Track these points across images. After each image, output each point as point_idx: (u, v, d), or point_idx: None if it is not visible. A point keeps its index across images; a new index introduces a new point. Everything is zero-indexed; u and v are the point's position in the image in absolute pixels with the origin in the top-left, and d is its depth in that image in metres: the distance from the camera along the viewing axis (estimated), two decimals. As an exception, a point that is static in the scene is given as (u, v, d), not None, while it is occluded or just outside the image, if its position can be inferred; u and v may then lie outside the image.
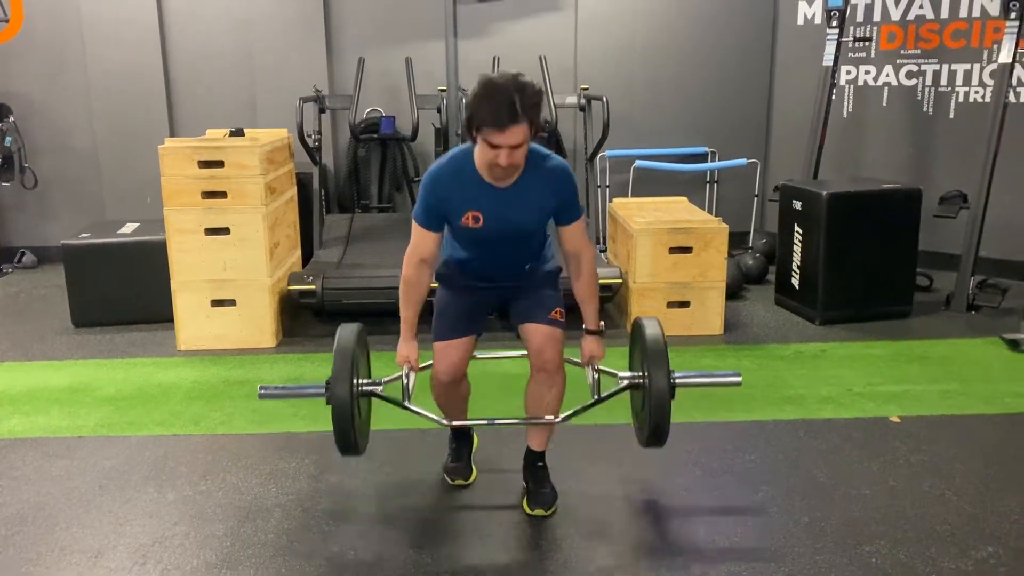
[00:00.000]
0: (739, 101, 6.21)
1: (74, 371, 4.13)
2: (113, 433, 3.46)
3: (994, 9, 5.25)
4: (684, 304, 4.52)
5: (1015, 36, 4.79)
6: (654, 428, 2.59)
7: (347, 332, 2.68)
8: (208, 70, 6.08)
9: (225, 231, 4.32)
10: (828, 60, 5.53)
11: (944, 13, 5.45)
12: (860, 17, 5.75)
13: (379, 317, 4.74)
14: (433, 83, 5.93)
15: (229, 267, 4.34)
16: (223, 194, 4.28)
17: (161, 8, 5.95)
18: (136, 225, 5.00)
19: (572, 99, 5.71)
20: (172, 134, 6.01)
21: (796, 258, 4.83)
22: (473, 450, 3.10)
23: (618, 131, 5.64)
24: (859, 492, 2.92)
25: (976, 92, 5.40)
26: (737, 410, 3.61)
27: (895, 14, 5.64)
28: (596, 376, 2.74)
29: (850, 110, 5.90)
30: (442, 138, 5.95)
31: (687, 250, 4.46)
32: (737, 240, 5.11)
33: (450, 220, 2.61)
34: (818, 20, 5.91)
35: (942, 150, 5.57)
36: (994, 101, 4.88)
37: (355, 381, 2.59)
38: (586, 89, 5.69)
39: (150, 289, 4.66)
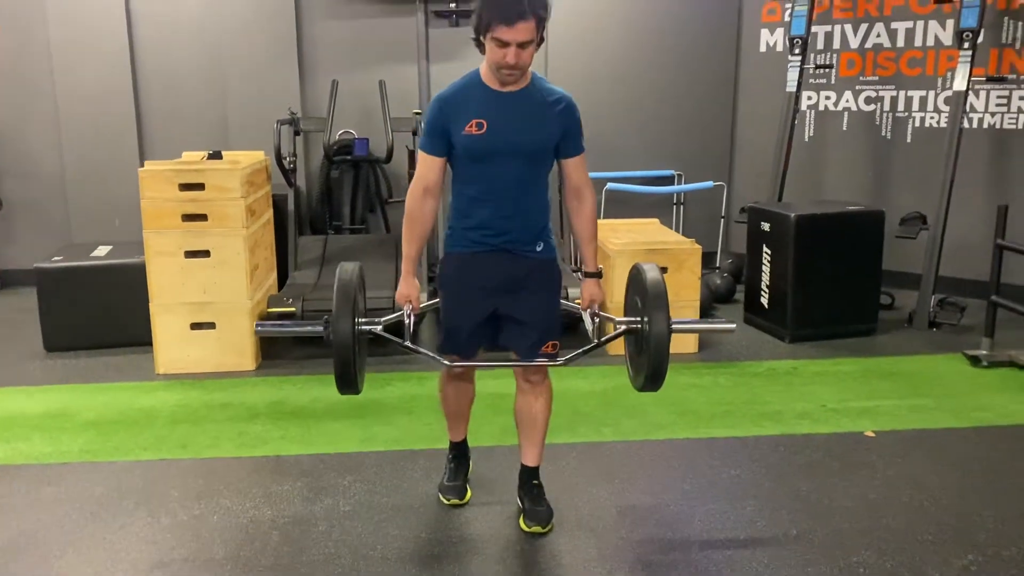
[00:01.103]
0: (704, 125, 6.38)
1: (51, 396, 4.08)
2: (99, 459, 3.42)
3: (947, 39, 5.49)
4: (660, 323, 4.61)
5: (969, 65, 5.02)
6: (653, 371, 2.62)
7: (348, 269, 2.63)
8: (179, 93, 6.05)
9: (205, 254, 4.31)
10: (791, 86, 5.72)
11: (900, 42, 5.68)
12: (820, 45, 5.95)
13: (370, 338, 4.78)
14: (406, 105, 5.98)
15: (209, 290, 4.33)
16: (203, 217, 4.28)
17: (131, 32, 5.92)
18: (109, 248, 4.96)
19: (544, 122, 5.79)
20: (142, 157, 5.96)
21: (765, 278, 4.97)
22: (469, 471, 3.15)
23: (588, 154, 5.73)
24: (842, 505, 3.03)
25: (931, 118, 5.63)
26: (718, 426, 3.71)
27: (854, 42, 5.86)
28: (596, 321, 2.77)
29: (811, 134, 6.10)
30: (416, 160, 6.01)
31: (662, 270, 4.54)
32: (704, 260, 5.22)
33: (454, 135, 2.56)
34: (780, 47, 6.10)
35: (900, 173, 5.79)
36: (950, 126, 5.10)
37: (356, 319, 2.56)
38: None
39: (126, 312, 4.62)
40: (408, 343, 2.73)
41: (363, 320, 2.64)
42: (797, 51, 5.66)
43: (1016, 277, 5.07)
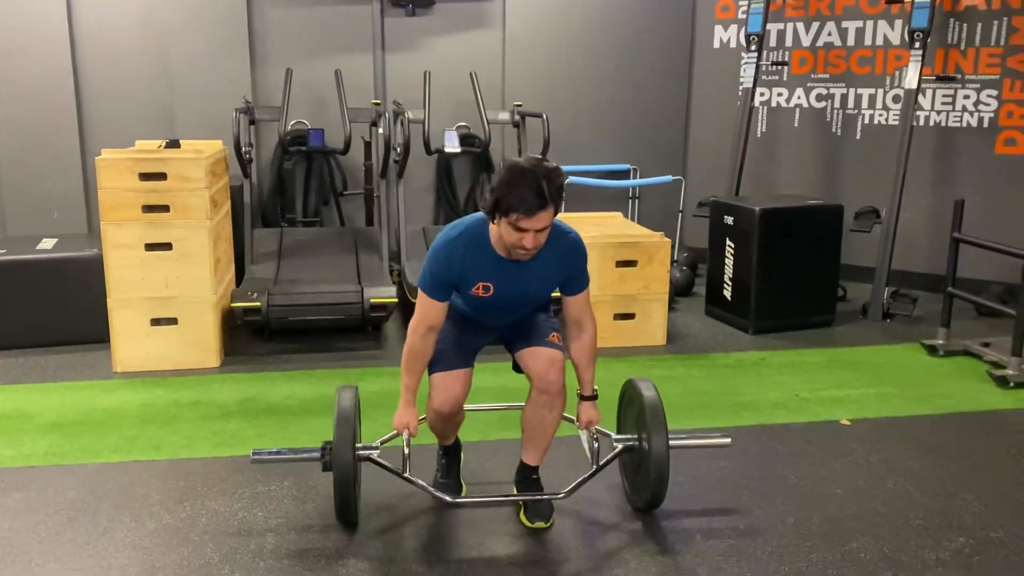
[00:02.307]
0: (659, 120, 6.44)
1: (4, 397, 3.86)
2: (67, 462, 3.25)
3: (895, 39, 5.66)
4: (629, 316, 4.65)
5: (920, 64, 5.19)
6: (653, 495, 2.79)
7: (347, 396, 2.76)
8: (123, 81, 5.79)
9: (167, 246, 4.14)
10: (748, 82, 5.81)
11: (851, 41, 5.84)
12: (773, 42, 6.07)
13: (324, 334, 4.68)
14: (361, 96, 5.88)
15: (171, 284, 4.16)
16: (165, 208, 4.11)
17: (71, 18, 5.63)
18: (55, 240, 4.73)
19: (504, 115, 5.77)
20: (83, 149, 5.71)
21: (728, 271, 5.04)
22: (461, 465, 3.10)
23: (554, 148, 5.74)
24: (832, 492, 3.09)
25: (880, 115, 5.80)
26: (698, 418, 3.74)
27: (806, 40, 5.99)
28: (596, 443, 2.85)
29: (764, 130, 6.22)
30: (371, 151, 5.91)
31: (632, 263, 4.59)
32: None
33: (459, 289, 2.64)
34: (733, 44, 6.20)
35: (850, 168, 5.95)
36: (902, 123, 5.26)
37: (356, 446, 2.67)
38: (519, 106, 5.76)
39: (77, 308, 4.43)
40: (407, 475, 2.76)
41: (360, 445, 2.74)
42: (753, 48, 5.76)
43: (964, 271, 5.27)
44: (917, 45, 5.19)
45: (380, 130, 5.53)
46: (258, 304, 4.40)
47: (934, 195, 5.65)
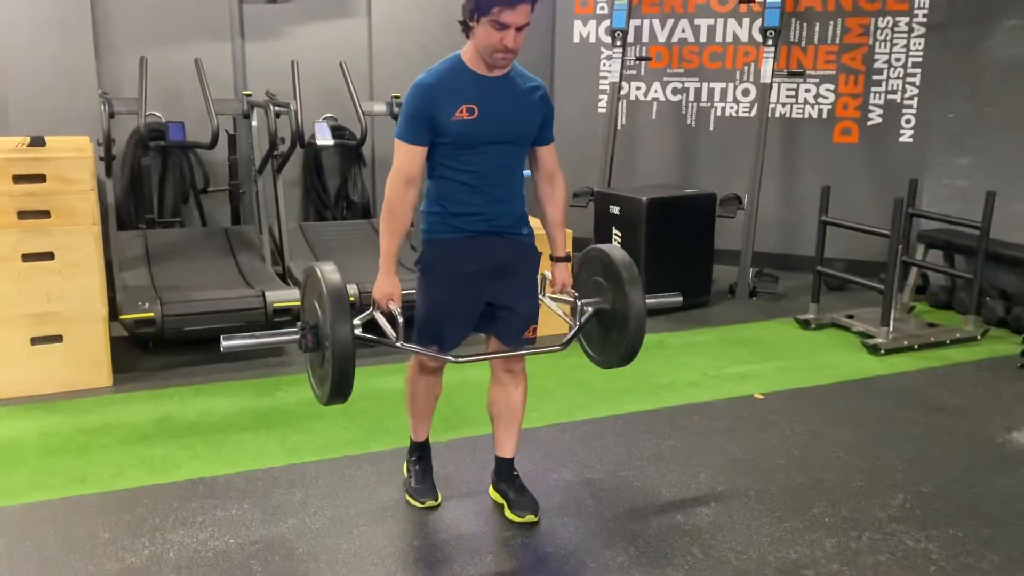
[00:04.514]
0: (523, 111, 6.53)
1: None
2: (-22, 506, 2.87)
3: (744, 36, 6.08)
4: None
5: (772, 60, 5.61)
6: (630, 348, 2.74)
7: (330, 268, 2.46)
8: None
9: (48, 256, 3.72)
10: (614, 77, 6.02)
11: (703, 37, 6.20)
12: (631, 38, 6.33)
13: (217, 343, 4.38)
14: (219, 87, 5.52)
15: (54, 298, 3.75)
16: (45, 213, 3.69)
17: None
18: None
19: (380, 107, 5.63)
20: None
21: (616, 258, 5.23)
22: (432, 470, 3.04)
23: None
24: (776, 463, 3.32)
25: (731, 108, 6.21)
26: (628, 402, 3.88)
27: (661, 36, 6.29)
28: (580, 305, 2.76)
29: (624, 122, 6.47)
30: (236, 145, 5.59)
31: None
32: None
33: (442, 122, 2.49)
34: (592, 39, 6.40)
35: (705, 158, 6.33)
36: (759, 115, 5.67)
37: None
38: (397, 97, 5.64)
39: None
40: (401, 344, 2.58)
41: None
42: (618, 43, 5.97)
43: (805, 249, 5.78)
44: (769, 43, 5.60)
45: (254, 123, 5.23)
46: (151, 315, 4.05)
47: (780, 181, 6.13)
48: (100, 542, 2.67)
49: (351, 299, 4.34)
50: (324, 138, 5.55)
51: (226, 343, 2.49)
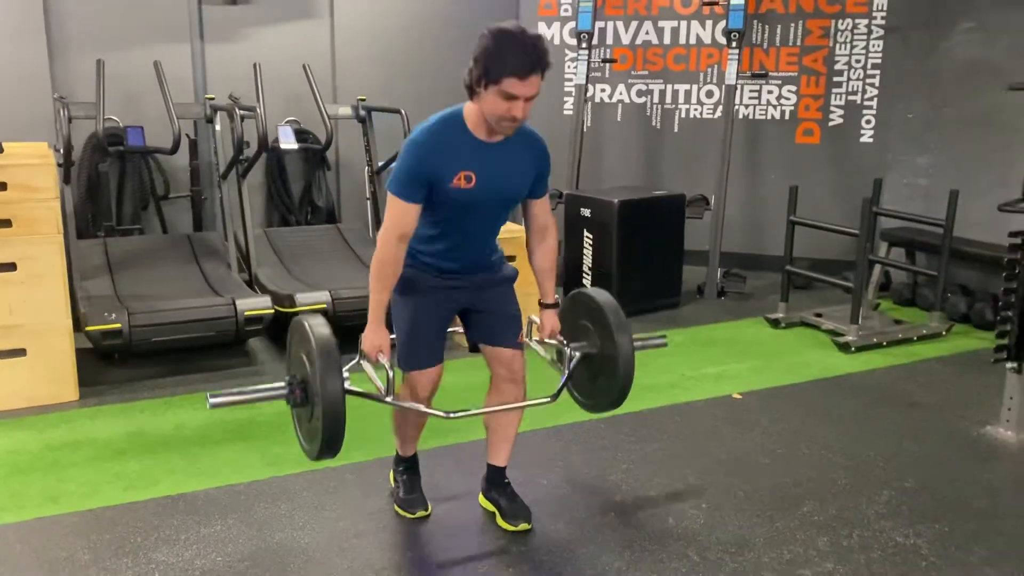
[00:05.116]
0: (488, 114, 6.49)
1: None
2: (-54, 530, 2.74)
3: (707, 38, 6.13)
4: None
5: (737, 62, 5.66)
6: (620, 393, 2.74)
7: (319, 323, 2.41)
8: None
9: (10, 267, 3.58)
10: (580, 79, 6.03)
11: (667, 40, 6.23)
12: (596, 40, 6.33)
13: (183, 353, 4.28)
14: (179, 90, 5.38)
15: (17, 310, 3.61)
16: (7, 223, 3.56)
17: None
18: None
19: (346, 110, 5.55)
20: None
21: (588, 260, 5.23)
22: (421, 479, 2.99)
23: (382, 146, 5.60)
24: (761, 462, 3.34)
25: (695, 109, 6.26)
26: (610, 405, 3.86)
27: (625, 39, 6.31)
28: (570, 352, 2.75)
29: (589, 124, 6.48)
30: (197, 150, 5.47)
31: (511, 259, 4.61)
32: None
33: (438, 185, 2.43)
34: (557, 41, 6.40)
35: (669, 160, 6.37)
36: (725, 117, 5.71)
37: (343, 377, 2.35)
38: (363, 100, 5.57)
39: None
40: (390, 399, 2.54)
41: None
42: (584, 45, 5.97)
43: (773, 248, 5.84)
44: (734, 45, 5.65)
45: (218, 127, 5.11)
46: (118, 326, 3.92)
47: (745, 182, 6.19)
48: (80, 564, 2.57)
49: (323, 306, 4.33)
50: (288, 142, 5.45)
51: (213, 400, 2.39)
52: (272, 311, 4.23)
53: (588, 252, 5.22)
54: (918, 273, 5.38)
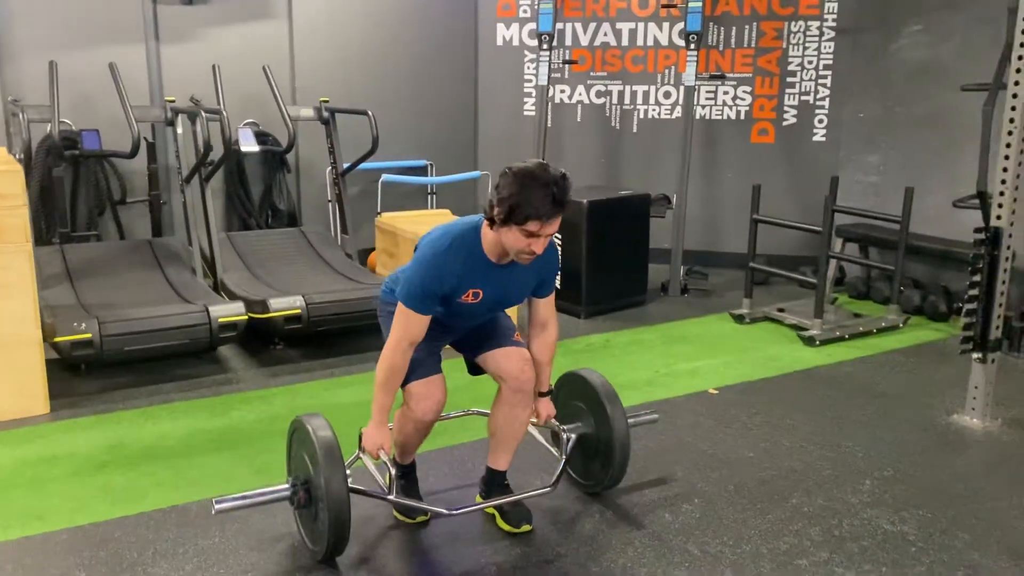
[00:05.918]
0: (450, 116, 6.50)
1: None
2: (-70, 552, 2.64)
3: (664, 39, 6.22)
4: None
5: (695, 63, 5.76)
6: (619, 470, 2.95)
7: (320, 424, 2.55)
8: None
9: (-24, 277, 3.46)
10: (542, 80, 6.06)
11: (624, 41, 6.31)
12: (555, 42, 6.38)
13: (154, 362, 4.19)
14: (134, 92, 5.25)
15: (-16, 322, 3.49)
16: (-28, 231, 3.43)
17: None
18: None
19: (308, 112, 5.48)
20: None
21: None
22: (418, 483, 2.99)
23: (347, 147, 5.55)
24: (746, 456, 3.42)
25: (653, 110, 6.35)
26: (590, 404, 3.90)
27: (584, 40, 6.37)
28: (567, 437, 2.95)
29: (549, 124, 6.51)
30: (155, 153, 5.35)
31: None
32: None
33: (448, 298, 2.55)
34: (516, 42, 6.42)
35: (629, 160, 6.45)
36: (684, 117, 5.81)
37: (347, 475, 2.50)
38: (326, 101, 5.50)
39: None
40: (393, 497, 2.67)
41: None
42: (545, 46, 6.01)
43: (730, 246, 5.98)
44: (692, 47, 5.75)
45: (179, 130, 5.00)
46: (88, 336, 3.82)
47: (702, 181, 6.31)
48: (77, 583, 2.50)
49: (297, 311, 4.27)
50: (248, 144, 5.37)
51: (219, 506, 2.49)
52: (246, 318, 4.17)
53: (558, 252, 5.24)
54: (875, 268, 5.56)
